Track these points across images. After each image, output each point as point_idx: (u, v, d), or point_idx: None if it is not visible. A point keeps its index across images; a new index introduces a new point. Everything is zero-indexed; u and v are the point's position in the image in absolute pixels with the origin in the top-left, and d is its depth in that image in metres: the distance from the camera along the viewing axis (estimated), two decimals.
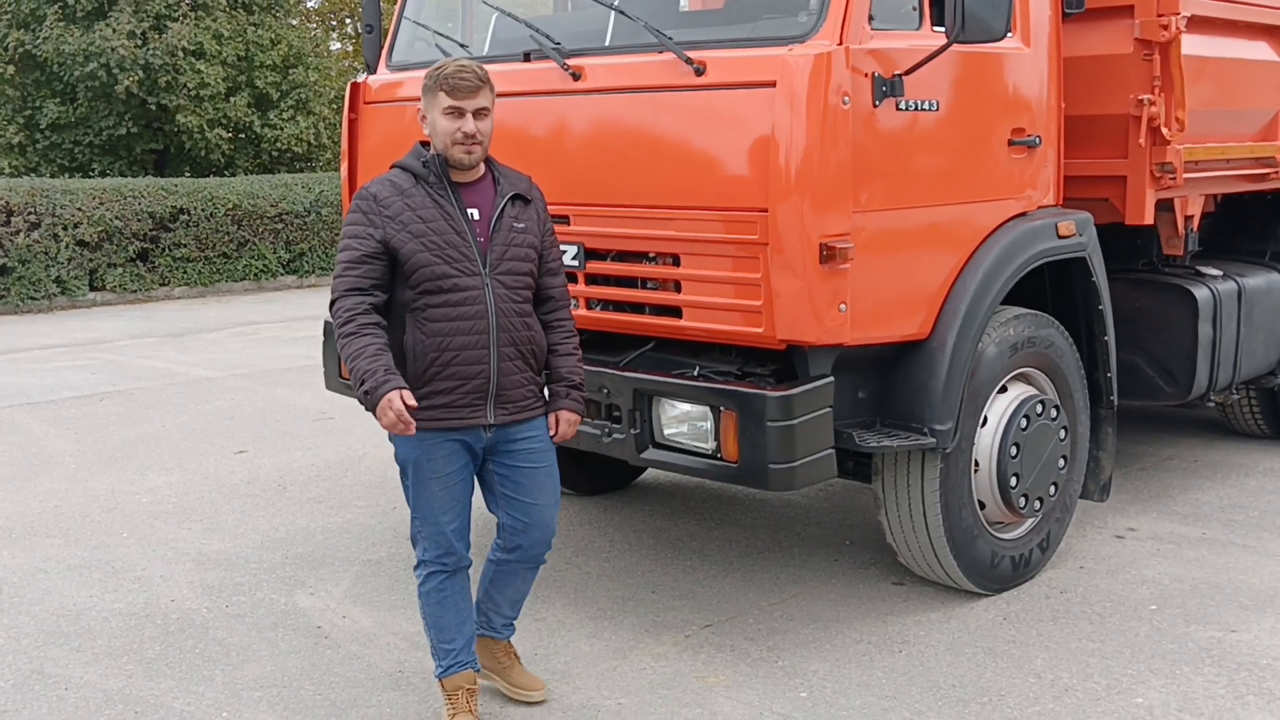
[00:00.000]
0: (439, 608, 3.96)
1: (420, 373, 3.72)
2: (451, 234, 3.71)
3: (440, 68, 3.75)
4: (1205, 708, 4.06)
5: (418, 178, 3.76)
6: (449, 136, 3.71)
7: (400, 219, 3.68)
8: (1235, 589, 5.08)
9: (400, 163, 3.82)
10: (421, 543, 3.93)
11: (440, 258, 3.68)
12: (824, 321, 4.21)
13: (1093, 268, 5.14)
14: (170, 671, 4.51)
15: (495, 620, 4.18)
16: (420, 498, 3.86)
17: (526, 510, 3.97)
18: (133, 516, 6.38)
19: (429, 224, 3.69)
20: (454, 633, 3.98)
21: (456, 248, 3.71)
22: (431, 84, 3.74)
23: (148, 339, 12.68)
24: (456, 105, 3.69)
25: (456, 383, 3.73)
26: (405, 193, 3.73)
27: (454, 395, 3.74)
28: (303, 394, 9.41)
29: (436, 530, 3.88)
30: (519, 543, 4.01)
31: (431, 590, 3.95)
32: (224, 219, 16.30)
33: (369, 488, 6.84)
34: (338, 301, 3.72)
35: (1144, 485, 6.54)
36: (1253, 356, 6.30)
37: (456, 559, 3.93)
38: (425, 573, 3.95)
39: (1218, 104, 5.66)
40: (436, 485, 3.83)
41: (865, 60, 4.21)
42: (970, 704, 4.12)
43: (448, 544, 3.90)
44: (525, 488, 3.95)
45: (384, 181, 3.77)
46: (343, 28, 29.21)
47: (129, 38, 18.08)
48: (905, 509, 4.77)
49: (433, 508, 3.86)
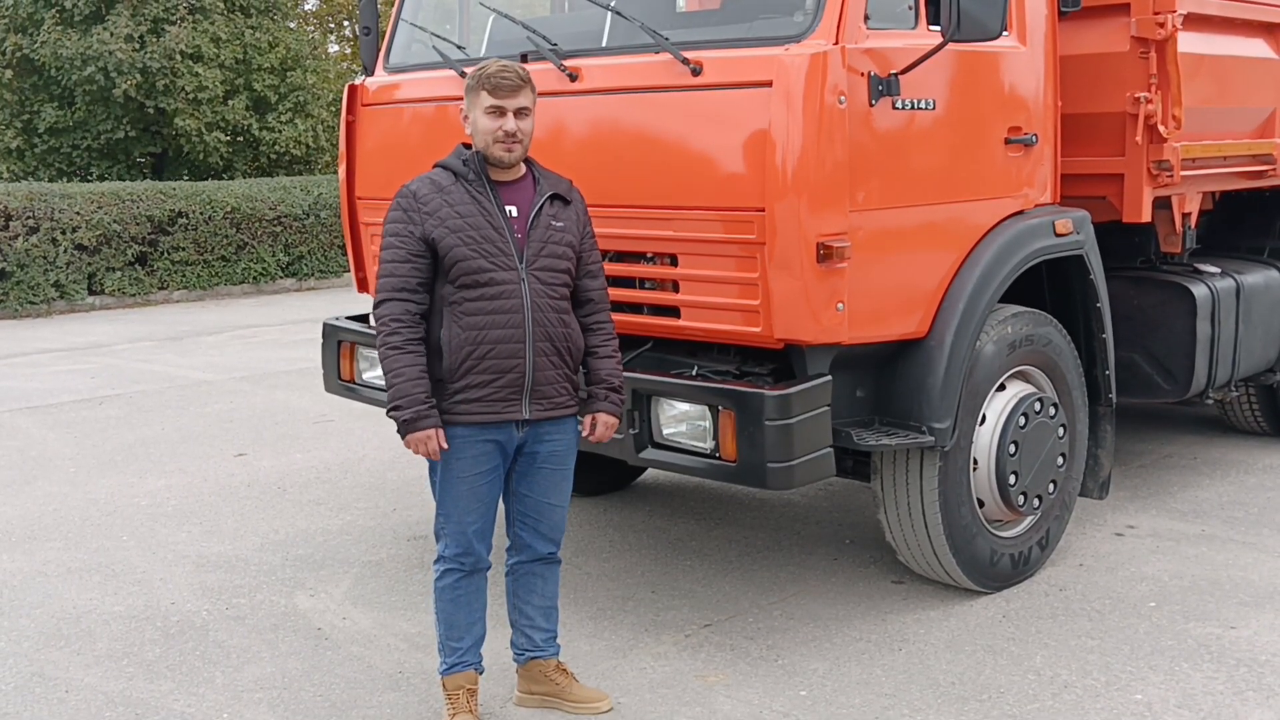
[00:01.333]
0: (452, 605, 3.96)
1: (456, 366, 3.74)
2: (488, 229, 3.74)
3: (483, 68, 3.79)
4: (1204, 704, 4.07)
5: (457, 176, 3.80)
6: (490, 135, 3.76)
7: (439, 215, 3.72)
8: (1234, 585, 5.08)
9: (443, 162, 3.87)
10: (443, 539, 3.94)
11: (477, 252, 3.71)
12: (821, 320, 4.21)
13: (1090, 265, 5.14)
14: (170, 673, 4.51)
15: (536, 637, 4.11)
16: (446, 494, 3.87)
17: (538, 508, 3.99)
18: (132, 519, 6.38)
19: (466, 219, 3.73)
20: (463, 631, 3.98)
21: (493, 242, 3.73)
22: (474, 83, 3.79)
23: (146, 342, 12.68)
24: (498, 104, 3.74)
25: (492, 376, 3.74)
26: (444, 190, 3.77)
27: (489, 389, 3.75)
28: (302, 396, 9.42)
29: (459, 529, 3.89)
30: (526, 541, 4.02)
31: (447, 587, 3.95)
32: (222, 222, 16.30)
33: (369, 490, 6.85)
34: (385, 305, 3.75)
35: (1143, 482, 6.55)
36: (1251, 354, 6.30)
37: (475, 559, 3.93)
38: (443, 568, 3.96)
39: (1214, 101, 5.67)
40: (463, 485, 3.83)
41: (861, 60, 4.22)
42: (970, 701, 4.13)
43: (468, 544, 3.90)
44: (542, 488, 3.97)
45: (424, 180, 3.82)
46: (340, 30, 29.20)
47: (126, 41, 18.07)
48: (904, 507, 4.78)
49: (458, 506, 3.86)
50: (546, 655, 4.13)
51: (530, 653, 4.12)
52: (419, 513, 6.36)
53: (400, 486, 6.87)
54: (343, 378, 5.70)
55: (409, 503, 6.55)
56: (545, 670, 4.12)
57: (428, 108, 5.32)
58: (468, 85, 3.82)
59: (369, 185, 5.57)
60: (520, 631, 4.12)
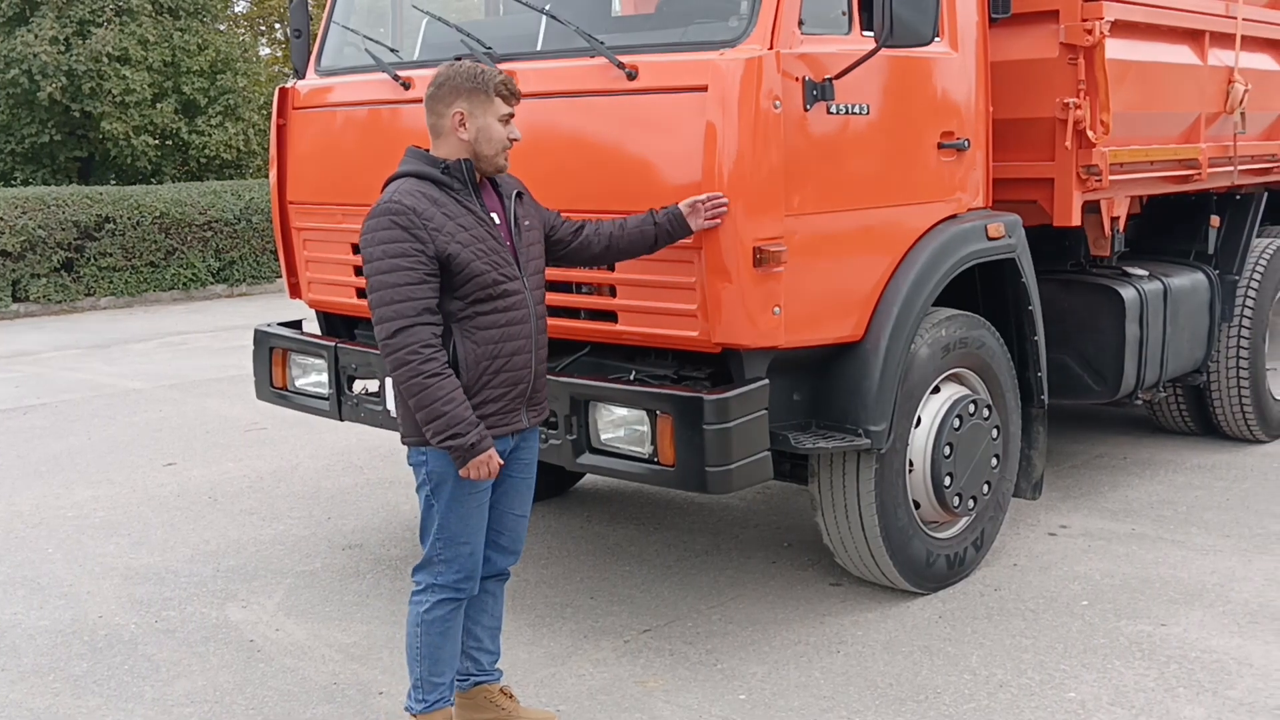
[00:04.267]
0: (441, 638, 3.71)
1: (472, 383, 3.57)
2: (491, 240, 3.60)
3: (484, 72, 3.61)
4: (1136, 700, 4.13)
5: (439, 185, 3.59)
6: (503, 143, 3.64)
7: (446, 230, 3.51)
8: (1164, 583, 5.16)
9: (412, 171, 3.61)
10: (438, 566, 3.68)
11: (490, 265, 3.57)
12: (758, 324, 4.22)
13: (1022, 269, 5.20)
14: (98, 689, 4.41)
15: (484, 660, 3.96)
16: (453, 516, 3.64)
17: (502, 520, 3.83)
18: (58, 531, 6.25)
19: (470, 231, 3.55)
20: (445, 666, 3.75)
21: (498, 253, 3.60)
22: (481, 87, 3.59)
23: (73, 350, 12.44)
24: (511, 112, 3.65)
25: (506, 389, 3.63)
26: (438, 202, 3.55)
27: (502, 402, 3.63)
28: (234, 404, 9.27)
29: (466, 552, 3.67)
30: (487, 555, 3.83)
31: (438, 619, 3.70)
32: (151, 227, 16.04)
33: (302, 498, 6.75)
34: (411, 330, 3.47)
35: (1075, 483, 6.64)
36: (1179, 355, 6.42)
37: (472, 585, 3.73)
38: (435, 599, 3.69)
39: (1141, 107, 5.77)
40: (474, 502, 3.65)
41: (796, 65, 4.23)
42: (907, 702, 4.15)
43: (473, 566, 3.69)
44: (509, 498, 3.83)
45: (413, 194, 3.54)
46: (272, 33, 28.84)
47: (52, 44, 17.74)
48: (841, 510, 4.80)
49: (466, 526, 3.66)
50: (493, 679, 3.99)
51: (476, 677, 3.96)
52: (353, 521, 6.29)
53: (334, 495, 6.78)
54: (275, 385, 5.62)
55: (343, 511, 6.47)
56: (490, 695, 3.96)
57: (360, 111, 5.26)
58: (470, 89, 3.58)
59: (301, 190, 5.50)
60: (467, 655, 3.91)
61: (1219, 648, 4.51)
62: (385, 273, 3.49)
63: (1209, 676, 4.29)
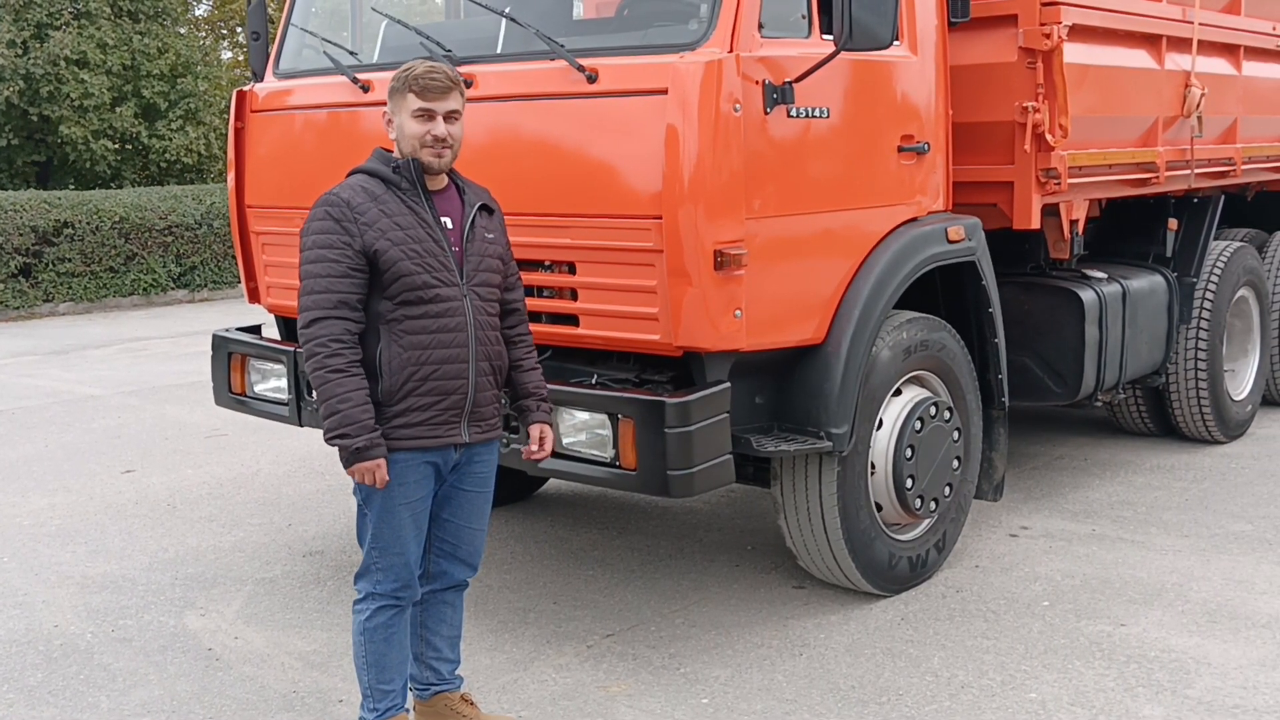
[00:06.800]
0: (385, 645, 3.68)
1: (396, 388, 3.50)
2: (430, 242, 3.53)
3: (409, 68, 3.57)
4: (1096, 700, 4.15)
5: (388, 183, 3.55)
6: (418, 140, 3.53)
7: (378, 226, 3.46)
8: (1124, 584, 5.20)
9: (365, 168, 3.60)
10: (375, 575, 3.64)
11: (421, 266, 3.50)
12: (720, 328, 4.22)
13: (982, 272, 5.23)
14: (53, 699, 4.35)
15: (443, 669, 3.91)
16: (385, 526, 3.59)
17: (458, 533, 3.78)
18: (14, 540, 6.16)
19: (407, 231, 3.50)
20: (394, 673, 3.71)
21: (435, 256, 3.53)
22: (400, 85, 3.55)
23: (30, 357, 12.28)
24: (427, 107, 3.53)
25: (435, 399, 3.54)
26: (379, 199, 3.51)
27: (431, 412, 3.55)
28: (193, 411, 9.18)
29: (400, 561, 3.62)
30: (444, 568, 3.81)
31: (379, 626, 3.67)
32: (110, 232, 15.85)
33: (262, 505, 6.69)
34: (323, 323, 3.45)
35: (1036, 484, 6.68)
36: (1138, 356, 6.47)
37: (412, 592, 3.69)
38: (374, 607, 3.66)
39: (1100, 110, 5.81)
40: (406, 512, 3.58)
41: (756, 68, 4.24)
42: (870, 704, 4.16)
43: (409, 575, 3.65)
44: (464, 512, 3.77)
45: (354, 187, 3.53)
46: (234, 36, 28.63)
47: (9, 47, 17.52)
48: (804, 513, 4.80)
49: (399, 536, 3.60)
50: (453, 687, 3.95)
51: (436, 686, 3.92)
52: (314, 528, 6.23)
53: (295, 501, 6.72)
54: (234, 391, 5.56)
55: (304, 518, 6.42)
56: (451, 703, 3.92)
57: (320, 114, 5.22)
58: (392, 87, 3.57)
59: (259, 193, 5.45)
60: (426, 665, 3.89)
61: (1178, 647, 4.54)
62: (311, 263, 3.51)
63: (1168, 676, 4.32)
